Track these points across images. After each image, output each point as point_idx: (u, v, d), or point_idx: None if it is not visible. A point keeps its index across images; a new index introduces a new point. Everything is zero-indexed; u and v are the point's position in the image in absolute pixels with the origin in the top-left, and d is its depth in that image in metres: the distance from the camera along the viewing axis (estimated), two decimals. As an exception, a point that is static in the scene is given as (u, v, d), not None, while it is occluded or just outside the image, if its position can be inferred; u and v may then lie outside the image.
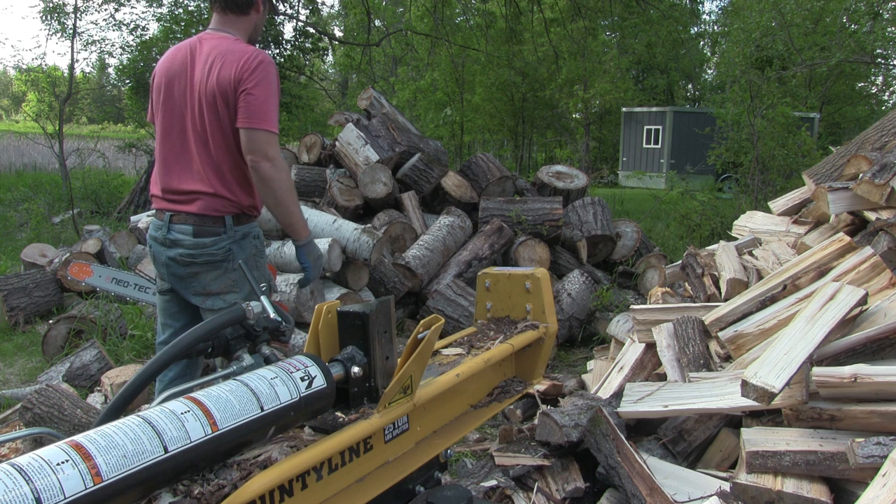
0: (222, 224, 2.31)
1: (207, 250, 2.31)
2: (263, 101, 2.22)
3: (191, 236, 2.30)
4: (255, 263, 2.39)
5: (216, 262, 2.32)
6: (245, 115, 2.21)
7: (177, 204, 2.35)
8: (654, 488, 1.95)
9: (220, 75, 2.24)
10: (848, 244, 2.86)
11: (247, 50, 2.27)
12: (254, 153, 2.20)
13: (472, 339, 1.78)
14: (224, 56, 2.25)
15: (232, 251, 2.33)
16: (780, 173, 8.43)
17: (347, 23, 19.81)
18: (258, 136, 2.20)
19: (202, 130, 2.31)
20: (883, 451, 1.76)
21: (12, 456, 2.15)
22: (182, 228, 2.31)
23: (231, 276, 2.34)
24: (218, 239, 2.31)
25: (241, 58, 2.23)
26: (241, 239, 2.35)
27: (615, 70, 18.63)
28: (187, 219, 2.31)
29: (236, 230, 2.33)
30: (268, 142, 2.21)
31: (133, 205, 10.61)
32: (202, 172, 2.32)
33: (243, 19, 2.40)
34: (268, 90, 2.24)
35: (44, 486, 0.73)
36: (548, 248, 5.33)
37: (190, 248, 2.30)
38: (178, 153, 2.38)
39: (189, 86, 2.33)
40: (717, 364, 2.71)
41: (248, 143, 2.21)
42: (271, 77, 2.26)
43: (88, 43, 13.16)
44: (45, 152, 13.94)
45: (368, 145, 5.78)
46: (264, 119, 2.21)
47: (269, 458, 1.11)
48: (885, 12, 12.16)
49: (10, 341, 4.91)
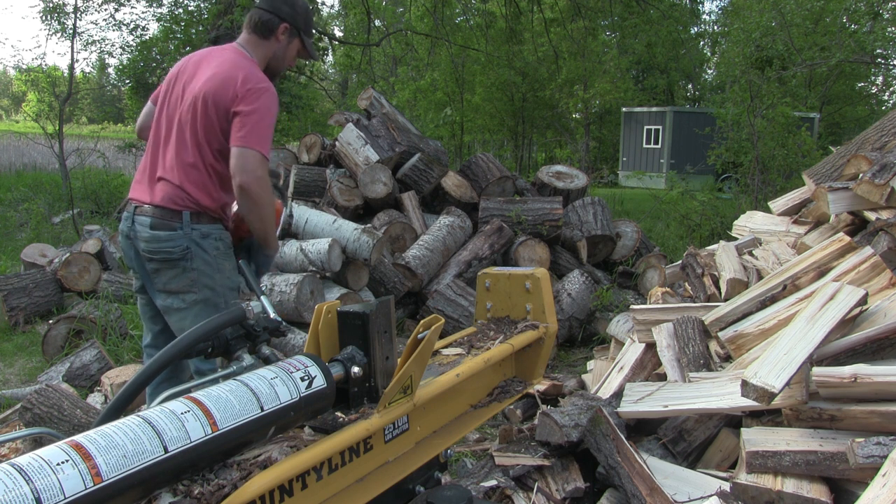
0: (179, 219, 2.30)
1: (163, 245, 2.29)
2: (260, 124, 2.24)
3: (148, 228, 2.29)
4: (216, 265, 2.35)
5: (173, 259, 2.30)
6: (242, 135, 2.22)
7: (143, 195, 2.36)
8: (654, 488, 1.95)
9: (221, 84, 2.28)
10: (848, 244, 2.86)
11: (256, 73, 2.32)
12: (246, 173, 2.19)
13: (472, 339, 1.78)
14: (233, 69, 2.30)
15: (189, 250, 2.30)
16: (780, 173, 8.44)
17: (347, 23, 19.80)
18: (253, 156, 2.20)
19: (184, 127, 2.34)
20: (883, 451, 1.76)
21: (12, 456, 2.15)
22: (142, 220, 2.31)
23: (190, 276, 2.31)
24: (173, 234, 2.29)
25: (249, 78, 2.28)
26: (200, 239, 2.32)
27: (615, 70, 18.62)
28: (147, 210, 2.32)
29: (194, 228, 2.31)
30: (261, 164, 2.22)
31: (133, 205, 10.60)
32: (172, 164, 2.33)
33: (264, 44, 2.46)
34: (266, 116, 2.27)
35: (44, 486, 0.73)
36: (548, 248, 5.33)
37: (148, 241, 2.30)
38: (156, 146, 2.42)
39: (190, 83, 2.38)
40: (717, 364, 2.71)
41: (242, 162, 2.20)
42: (271, 104, 2.30)
43: (88, 43, 13.18)
44: (45, 152, 13.94)
45: (368, 145, 5.78)
46: (259, 142, 2.23)
47: (269, 458, 1.11)
48: (885, 12, 12.16)
49: (10, 341, 4.91)
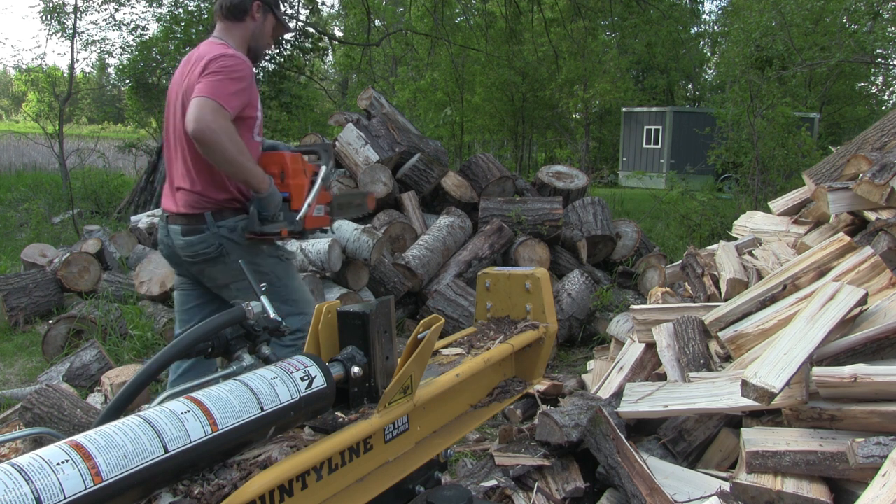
0: (203, 221, 2.38)
1: (198, 248, 2.39)
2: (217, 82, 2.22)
3: (180, 236, 2.40)
4: (254, 250, 2.42)
5: (212, 258, 2.39)
6: (198, 90, 2.21)
7: (170, 204, 2.47)
8: (654, 488, 1.95)
9: (191, 77, 2.31)
10: (848, 244, 2.86)
11: (217, 50, 2.33)
12: (195, 121, 2.16)
13: (472, 339, 1.78)
14: (201, 59, 2.32)
15: (223, 246, 2.38)
16: (780, 173, 8.43)
17: (347, 23, 19.80)
18: (204, 103, 2.17)
19: (178, 133, 2.41)
20: (883, 451, 1.76)
21: (12, 456, 2.15)
22: (174, 229, 2.43)
23: (234, 267, 2.38)
24: (204, 236, 2.38)
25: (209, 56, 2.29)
26: (229, 233, 2.39)
27: (615, 70, 18.61)
28: (176, 219, 2.42)
29: (219, 225, 2.38)
30: (213, 111, 2.18)
31: (133, 205, 10.60)
32: (181, 171, 2.41)
33: (239, 26, 2.48)
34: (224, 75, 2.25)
35: (44, 486, 0.73)
36: (548, 248, 5.33)
37: (183, 247, 2.41)
38: (169, 156, 2.50)
39: (175, 91, 2.44)
40: (717, 364, 2.71)
41: (192, 111, 2.17)
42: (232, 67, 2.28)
43: (88, 43, 13.17)
44: (45, 152, 13.94)
45: (368, 145, 5.78)
46: (214, 92, 2.20)
47: (269, 458, 1.11)
48: (885, 12, 12.16)
49: (10, 341, 4.91)
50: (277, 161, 2.47)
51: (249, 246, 2.42)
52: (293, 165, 2.47)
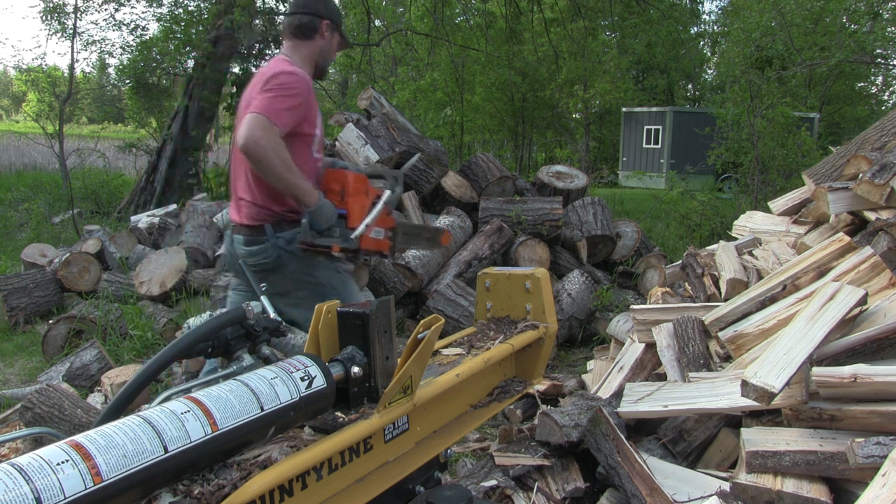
0: (263, 232, 2.47)
1: (258, 259, 2.49)
2: (271, 99, 2.30)
3: (243, 245, 2.52)
4: (310, 261, 2.50)
5: (270, 269, 2.49)
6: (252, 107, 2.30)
7: (234, 215, 2.58)
8: (654, 488, 1.95)
9: (250, 94, 2.41)
10: (848, 244, 2.86)
11: (278, 67, 2.42)
12: (243, 137, 2.24)
13: (472, 339, 1.78)
14: (264, 75, 2.42)
15: (280, 258, 2.47)
16: (780, 173, 8.43)
17: (347, 23, 19.80)
18: (255, 119, 2.25)
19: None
20: (883, 451, 1.76)
21: (12, 456, 2.15)
22: (237, 238, 2.54)
23: (290, 279, 2.50)
24: (263, 248, 2.47)
25: (269, 73, 2.38)
26: (286, 245, 2.47)
27: (615, 70, 18.61)
28: (239, 229, 2.53)
29: (277, 237, 2.47)
30: (263, 127, 2.25)
31: (133, 205, 10.60)
32: (243, 184, 2.51)
33: (307, 44, 2.58)
34: (280, 93, 2.33)
35: (44, 485, 0.73)
36: (548, 248, 5.33)
37: (245, 256, 2.51)
38: (234, 170, 2.60)
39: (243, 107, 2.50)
40: (717, 364, 2.71)
41: (243, 127, 2.26)
42: (288, 84, 2.36)
43: (88, 43, 13.17)
44: (45, 152, 13.94)
45: (368, 145, 5.78)
46: (266, 108, 2.27)
47: (269, 458, 1.11)
48: (885, 12, 12.16)
49: (10, 341, 4.91)
50: (340, 179, 2.55)
51: (306, 257, 2.48)
52: (354, 185, 2.54)
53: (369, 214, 2.52)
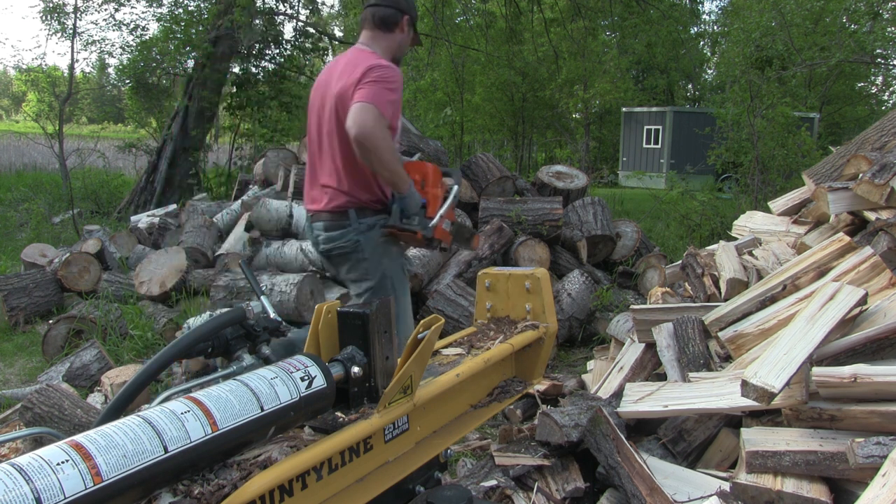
0: (347, 218, 2.57)
1: (336, 243, 2.59)
2: (376, 90, 2.40)
3: (323, 231, 2.61)
4: (384, 251, 2.62)
5: (347, 253, 2.60)
6: (359, 96, 2.39)
7: (314, 203, 2.65)
8: (654, 488, 1.95)
9: (346, 81, 2.48)
10: (848, 244, 2.86)
11: (373, 59, 2.51)
12: (357, 126, 2.34)
13: (472, 339, 1.78)
14: (354, 65, 2.51)
15: (359, 242, 2.56)
16: (780, 173, 8.43)
17: (347, 23, 19.79)
18: (366, 109, 2.35)
19: (329, 134, 2.59)
20: (883, 451, 1.76)
21: (12, 456, 2.15)
22: (318, 226, 2.63)
23: (363, 265, 2.59)
24: (344, 232, 2.57)
25: (362, 67, 2.46)
26: (367, 230, 2.58)
27: (615, 70, 18.61)
28: (320, 215, 2.62)
29: (361, 222, 2.57)
30: (374, 117, 2.35)
31: (133, 205, 10.61)
32: (328, 170, 2.59)
33: (388, 37, 2.67)
34: (383, 85, 2.43)
35: (44, 485, 0.73)
36: (548, 248, 5.33)
37: (324, 242, 2.62)
38: (314, 157, 2.69)
39: (326, 94, 2.61)
40: (717, 364, 2.71)
41: (354, 115, 2.35)
42: (389, 77, 2.46)
43: (88, 43, 13.15)
44: (45, 152, 13.94)
45: (368, 145, 5.77)
46: (375, 98, 2.37)
47: (269, 458, 1.11)
48: (885, 12, 12.16)
49: (10, 341, 4.91)
50: (420, 169, 2.69)
51: (383, 246, 2.60)
52: (434, 176, 2.67)
53: (443, 206, 2.64)
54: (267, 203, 4.87)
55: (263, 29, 11.58)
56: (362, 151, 2.38)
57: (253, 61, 12.43)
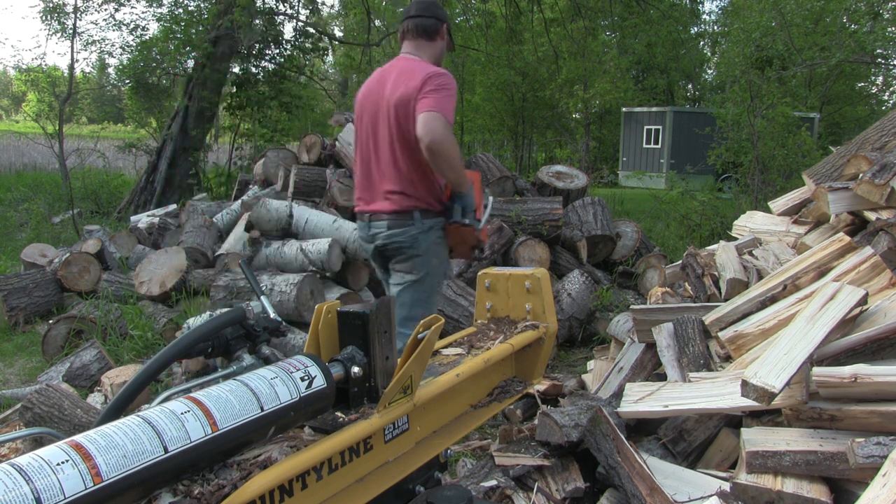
0: (410, 218, 2.74)
1: (396, 239, 2.75)
2: (442, 98, 2.58)
3: (385, 229, 2.76)
4: (435, 252, 2.80)
5: (404, 248, 2.76)
6: (424, 104, 2.56)
7: (373, 206, 2.80)
8: (654, 488, 1.95)
9: (405, 89, 2.64)
10: (848, 244, 2.86)
11: (429, 68, 2.69)
12: (429, 133, 2.51)
13: (472, 339, 1.78)
14: (410, 74, 2.67)
15: (417, 239, 2.75)
16: (780, 173, 8.43)
17: (347, 23, 19.80)
18: (434, 117, 2.53)
19: (390, 141, 2.72)
20: (883, 451, 1.76)
21: (12, 456, 2.15)
22: (378, 225, 2.78)
23: (414, 261, 2.77)
24: (406, 230, 2.74)
25: (425, 73, 2.64)
26: (427, 231, 2.76)
27: (615, 70, 18.61)
28: (382, 216, 2.77)
29: (423, 223, 2.75)
30: (442, 124, 2.54)
31: (133, 205, 10.61)
32: (391, 175, 2.74)
33: (431, 45, 2.85)
34: (444, 92, 2.60)
35: (44, 486, 0.73)
36: (548, 248, 5.33)
37: (384, 238, 2.77)
38: (369, 162, 2.82)
39: (380, 102, 2.74)
40: (718, 364, 2.70)
41: (424, 124, 2.53)
42: (448, 85, 2.64)
43: (88, 43, 13.17)
44: (45, 152, 13.94)
45: (368, 145, 5.77)
46: (439, 106, 2.55)
47: (269, 458, 1.11)
48: (885, 12, 12.16)
49: (10, 341, 4.91)
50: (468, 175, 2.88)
51: (436, 247, 2.79)
52: (477, 183, 2.87)
53: (486, 210, 2.90)
54: (267, 203, 4.87)
55: (263, 29, 11.58)
56: (433, 157, 2.56)
57: (253, 61, 12.44)
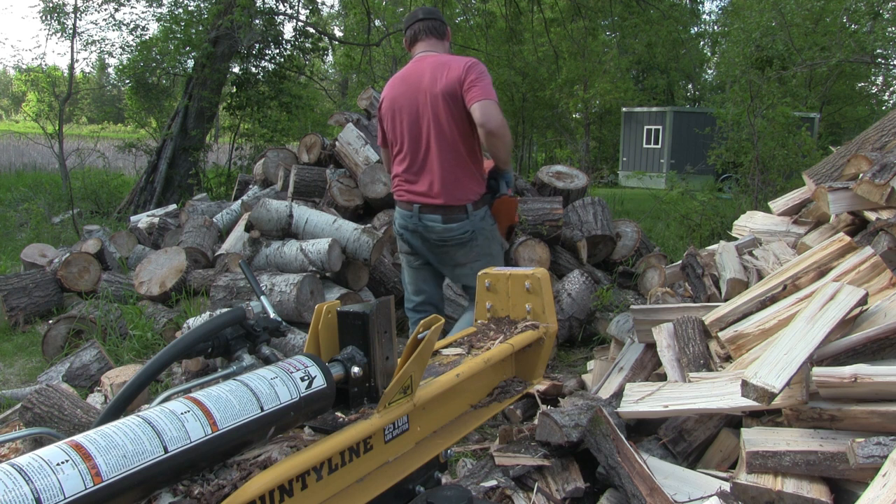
0: (464, 211, 2.91)
1: (455, 234, 2.92)
2: (486, 85, 2.80)
3: (440, 223, 2.91)
4: (491, 237, 3.02)
5: (464, 242, 2.94)
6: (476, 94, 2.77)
7: (424, 197, 2.94)
8: (654, 488, 1.95)
9: (447, 79, 2.84)
10: (848, 244, 2.86)
11: (464, 58, 2.91)
12: (490, 120, 2.74)
13: (472, 339, 1.78)
14: (447, 65, 2.88)
15: (474, 232, 2.94)
16: (780, 173, 8.43)
17: (347, 23, 19.79)
18: (490, 105, 2.76)
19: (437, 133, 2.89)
20: (883, 451, 1.76)
21: (12, 456, 2.15)
22: (432, 217, 2.92)
23: (475, 250, 2.97)
24: (463, 224, 2.91)
25: (462, 63, 2.86)
26: (480, 221, 2.95)
27: (615, 70, 18.62)
28: (436, 209, 2.92)
29: (475, 214, 2.93)
30: (495, 109, 2.77)
31: (133, 205, 10.61)
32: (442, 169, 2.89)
33: (443, 44, 3.09)
34: (487, 80, 2.83)
35: (44, 486, 0.73)
36: (548, 248, 5.33)
37: (441, 232, 2.93)
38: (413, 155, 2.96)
39: (419, 96, 2.91)
40: (717, 364, 2.70)
41: (484, 111, 2.75)
42: (485, 71, 2.87)
43: (88, 43, 13.17)
44: (45, 152, 13.94)
45: (368, 145, 5.77)
46: (489, 94, 2.79)
47: (269, 458, 1.11)
48: (885, 12, 12.16)
49: (10, 341, 4.91)
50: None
51: (491, 232, 3.01)
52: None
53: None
54: (267, 203, 4.87)
55: (263, 29, 11.58)
56: (492, 139, 2.79)
57: (253, 61, 12.44)
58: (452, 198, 2.89)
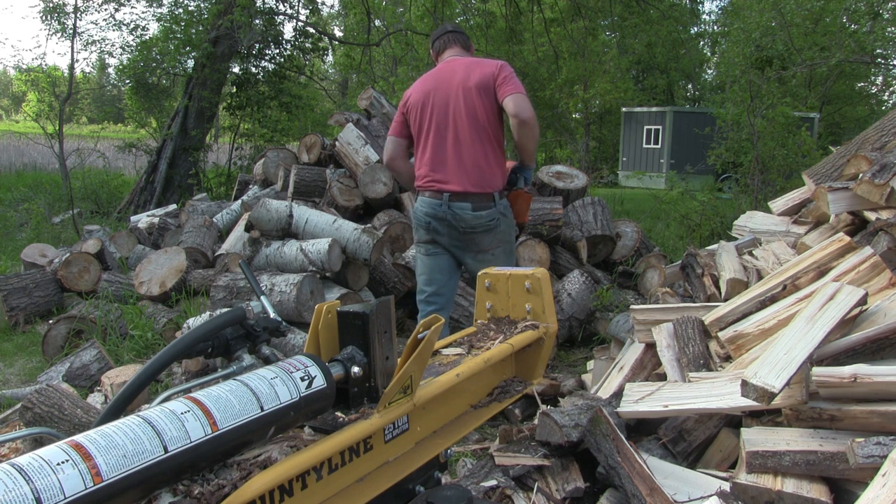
0: (491, 199, 3.10)
1: (483, 220, 3.09)
2: (517, 82, 3.03)
3: (470, 211, 3.08)
4: (512, 223, 3.22)
5: (490, 228, 3.12)
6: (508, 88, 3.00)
7: (452, 185, 3.09)
8: (654, 488, 1.95)
9: (481, 75, 3.06)
10: (848, 244, 2.86)
11: (492, 61, 3.15)
12: (523, 111, 2.96)
13: (472, 339, 1.78)
14: (478, 65, 3.12)
15: (499, 220, 3.12)
16: (780, 173, 8.43)
17: (347, 23, 19.79)
18: (522, 98, 2.99)
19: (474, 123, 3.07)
20: (883, 451, 1.76)
21: (12, 456, 2.15)
22: (461, 206, 3.08)
23: (498, 237, 3.15)
24: (491, 212, 3.10)
25: (492, 63, 3.11)
26: (504, 209, 3.15)
27: (615, 70, 18.62)
28: (466, 197, 3.08)
29: (500, 203, 3.13)
30: (527, 102, 2.99)
31: (133, 205, 10.61)
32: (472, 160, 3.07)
33: (468, 53, 3.34)
34: (517, 78, 3.07)
35: (44, 486, 0.73)
36: (548, 248, 5.33)
37: (469, 220, 3.09)
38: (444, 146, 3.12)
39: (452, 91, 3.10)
40: (717, 364, 2.71)
41: (517, 104, 2.96)
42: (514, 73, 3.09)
43: (88, 43, 13.15)
44: (45, 152, 13.94)
45: (368, 145, 5.77)
46: (520, 88, 3.02)
47: (269, 458, 1.11)
48: (885, 12, 12.16)
49: (10, 341, 4.91)
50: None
51: (511, 221, 3.20)
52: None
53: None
54: (267, 203, 4.87)
55: (263, 29, 11.58)
56: (524, 129, 2.96)
57: (253, 61, 12.43)
58: (481, 186, 3.07)
